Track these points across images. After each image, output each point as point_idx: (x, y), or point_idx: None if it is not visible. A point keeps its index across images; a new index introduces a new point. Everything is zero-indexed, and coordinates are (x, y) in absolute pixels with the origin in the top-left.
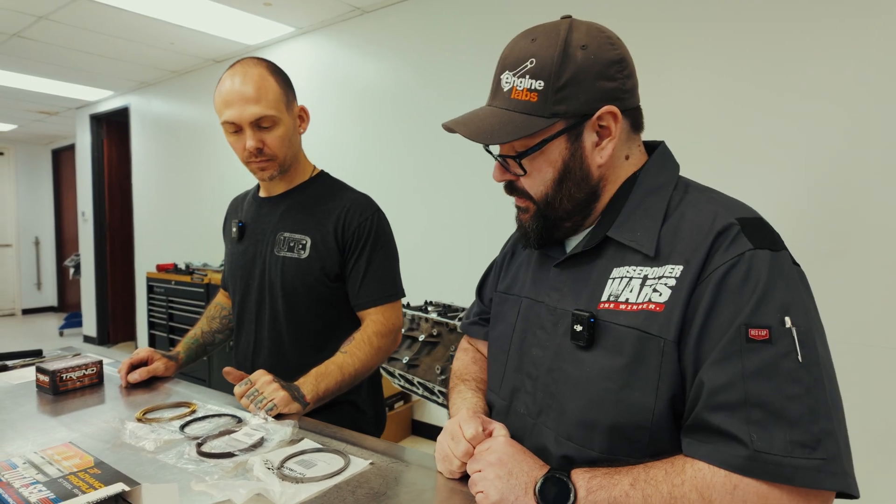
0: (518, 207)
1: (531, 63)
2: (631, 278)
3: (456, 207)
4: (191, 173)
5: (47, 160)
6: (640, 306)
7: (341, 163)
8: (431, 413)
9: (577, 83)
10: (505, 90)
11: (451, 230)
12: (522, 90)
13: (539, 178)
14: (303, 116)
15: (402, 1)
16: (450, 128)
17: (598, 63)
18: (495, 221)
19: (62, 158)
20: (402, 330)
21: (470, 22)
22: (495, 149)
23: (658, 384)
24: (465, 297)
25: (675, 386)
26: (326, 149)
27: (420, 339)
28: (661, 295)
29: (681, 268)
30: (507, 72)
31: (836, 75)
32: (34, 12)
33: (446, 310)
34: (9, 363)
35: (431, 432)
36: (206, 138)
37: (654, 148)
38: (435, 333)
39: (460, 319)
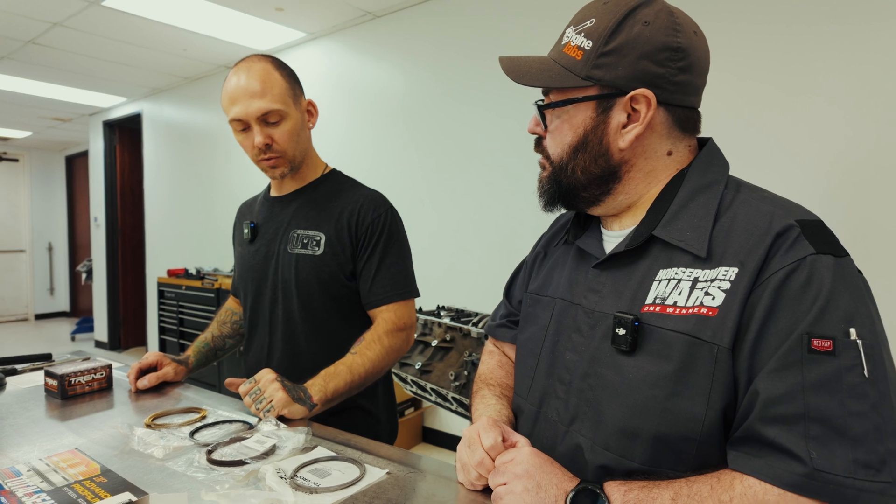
0: (540, 163)
1: (590, 22)
2: (679, 280)
3: (466, 212)
4: (202, 179)
5: (61, 166)
6: (690, 310)
7: (353, 167)
8: (442, 420)
9: (622, 55)
10: (562, 43)
11: (461, 235)
12: (573, 46)
13: (558, 138)
14: (311, 111)
15: (412, 6)
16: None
17: (650, 43)
18: (505, 226)
19: (75, 165)
20: (415, 334)
21: (480, 26)
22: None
23: (710, 393)
24: (476, 301)
25: (728, 395)
26: (338, 152)
27: (433, 345)
28: (714, 299)
29: (736, 270)
30: (571, 27)
31: (846, 79)
32: (49, 19)
33: (459, 314)
34: (18, 367)
35: (442, 440)
36: (217, 144)
37: (703, 145)
38: (448, 339)
39: (474, 324)
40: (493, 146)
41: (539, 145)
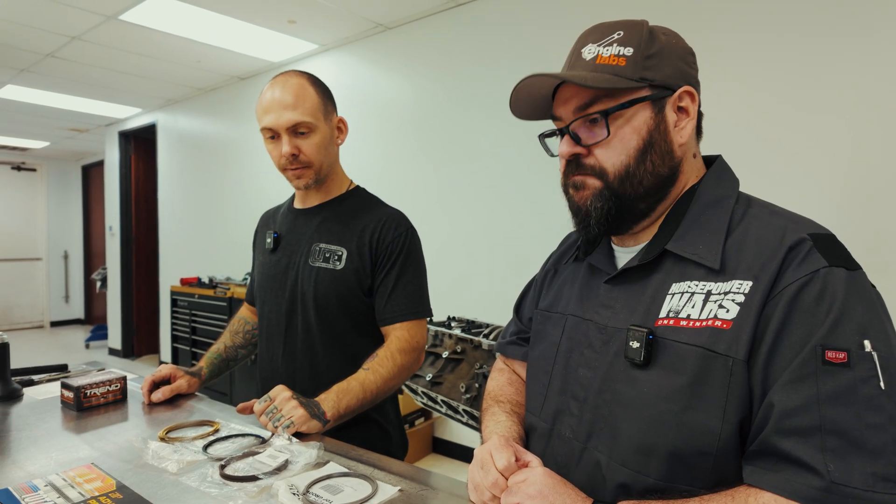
0: (574, 184)
1: (619, 35)
2: (693, 293)
3: (476, 221)
4: (215, 188)
5: (77, 176)
6: (704, 323)
7: (363, 177)
8: (452, 431)
9: (664, 56)
10: (588, 58)
11: (471, 244)
12: (609, 56)
13: (621, 146)
14: (341, 128)
15: (422, 18)
16: (523, 86)
17: (679, 47)
18: (515, 235)
19: (91, 174)
20: (426, 346)
21: (490, 37)
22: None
23: (725, 406)
24: (486, 310)
25: (743, 409)
26: (349, 163)
27: (443, 356)
28: (728, 311)
29: (749, 283)
30: (590, 44)
31: (855, 89)
32: (68, 33)
33: (470, 325)
34: (35, 378)
35: (453, 450)
36: (230, 154)
37: (711, 163)
38: (459, 350)
39: (485, 336)
40: (503, 155)
41: (579, 165)
